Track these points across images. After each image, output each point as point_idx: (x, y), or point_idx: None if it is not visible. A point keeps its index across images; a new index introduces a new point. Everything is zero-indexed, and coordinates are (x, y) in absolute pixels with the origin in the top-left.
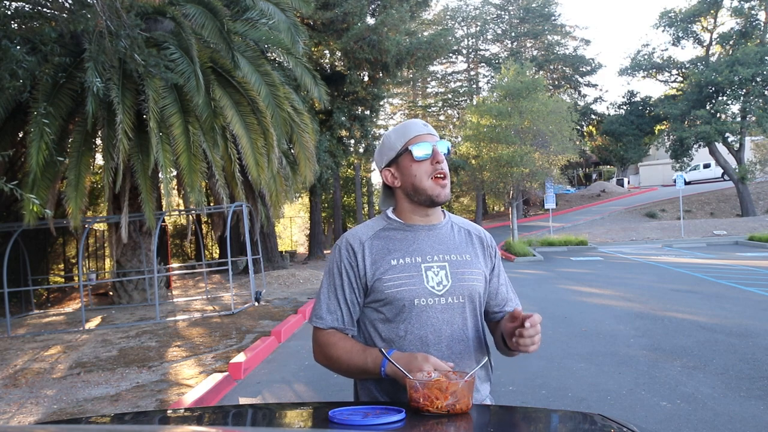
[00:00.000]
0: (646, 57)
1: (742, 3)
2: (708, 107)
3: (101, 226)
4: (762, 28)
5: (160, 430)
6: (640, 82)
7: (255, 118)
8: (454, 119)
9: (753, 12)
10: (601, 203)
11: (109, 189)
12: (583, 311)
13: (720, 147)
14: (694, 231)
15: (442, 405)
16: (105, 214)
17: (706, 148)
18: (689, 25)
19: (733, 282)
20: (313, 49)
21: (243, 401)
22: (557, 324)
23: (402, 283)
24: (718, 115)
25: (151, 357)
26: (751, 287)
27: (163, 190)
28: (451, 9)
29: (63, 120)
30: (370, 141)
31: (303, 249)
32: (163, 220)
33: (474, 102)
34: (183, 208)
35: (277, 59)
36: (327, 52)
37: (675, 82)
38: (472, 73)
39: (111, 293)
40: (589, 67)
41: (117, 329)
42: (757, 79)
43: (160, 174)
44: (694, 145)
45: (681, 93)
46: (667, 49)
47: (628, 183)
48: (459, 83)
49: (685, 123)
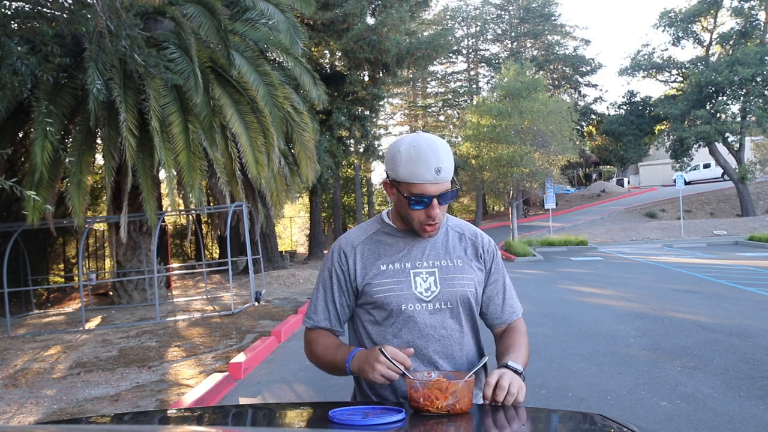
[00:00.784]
0: (646, 57)
1: (742, 3)
2: (708, 107)
3: (101, 226)
4: (762, 28)
5: (160, 430)
6: (640, 82)
7: (254, 117)
8: (454, 119)
9: (753, 12)
10: (601, 203)
11: (110, 188)
12: (583, 311)
13: (720, 147)
14: (694, 231)
15: (442, 405)
16: (105, 214)
17: (706, 148)
18: (689, 25)
19: (733, 282)
20: (313, 49)
21: (243, 401)
22: (557, 324)
23: (390, 288)
24: (718, 115)
25: (151, 357)
26: (751, 287)
27: (165, 189)
28: (451, 9)
29: (64, 119)
30: (370, 141)
31: (303, 249)
32: (163, 220)
33: (474, 102)
34: (183, 207)
35: (276, 59)
36: (327, 52)
37: (675, 82)
38: (472, 73)
39: (111, 293)
40: (589, 67)
41: (117, 329)
42: (757, 79)
43: (162, 172)
44: (694, 145)
45: (681, 93)
46: (667, 49)
47: (628, 183)
48: (459, 83)
49: (685, 123)
